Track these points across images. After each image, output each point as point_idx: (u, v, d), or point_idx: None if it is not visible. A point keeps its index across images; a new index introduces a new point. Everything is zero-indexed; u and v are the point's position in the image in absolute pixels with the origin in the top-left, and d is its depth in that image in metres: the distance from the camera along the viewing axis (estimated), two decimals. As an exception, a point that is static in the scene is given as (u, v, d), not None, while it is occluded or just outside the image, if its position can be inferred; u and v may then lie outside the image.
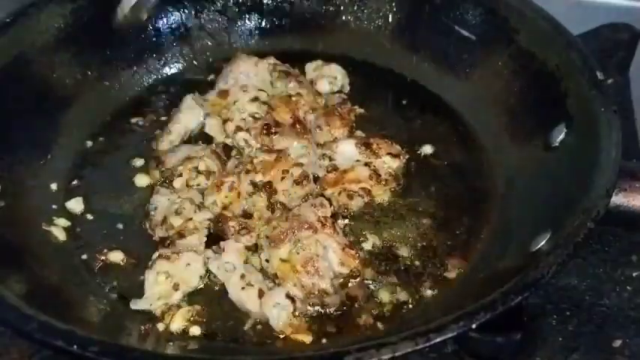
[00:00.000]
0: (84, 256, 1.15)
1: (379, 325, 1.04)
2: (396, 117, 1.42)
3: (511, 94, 1.33)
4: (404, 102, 1.45)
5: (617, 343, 1.06)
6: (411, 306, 1.07)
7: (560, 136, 1.16)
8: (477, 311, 0.80)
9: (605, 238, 1.18)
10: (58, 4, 1.37)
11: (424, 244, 1.16)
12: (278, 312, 1.03)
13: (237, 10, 1.58)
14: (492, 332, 0.90)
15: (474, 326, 0.79)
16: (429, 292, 1.09)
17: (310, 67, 1.49)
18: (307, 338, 1.02)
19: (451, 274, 1.11)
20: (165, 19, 1.53)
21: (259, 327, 1.04)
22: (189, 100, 1.37)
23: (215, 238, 1.16)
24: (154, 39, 1.52)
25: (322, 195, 1.22)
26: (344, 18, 1.58)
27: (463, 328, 0.78)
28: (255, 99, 1.36)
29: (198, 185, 1.23)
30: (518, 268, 0.94)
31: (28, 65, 1.30)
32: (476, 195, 1.24)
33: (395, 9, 1.53)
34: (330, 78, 1.45)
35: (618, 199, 0.98)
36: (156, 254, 1.11)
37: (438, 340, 0.77)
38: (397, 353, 0.75)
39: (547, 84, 1.24)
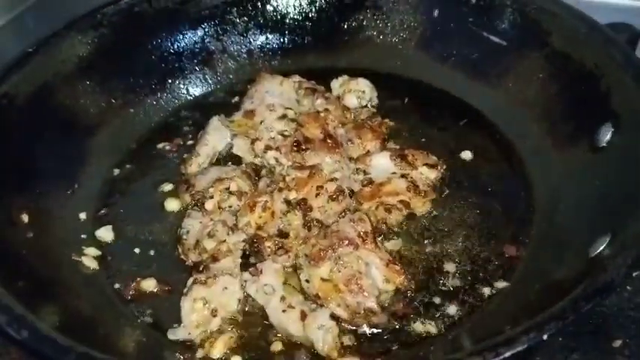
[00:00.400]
0: (116, 285, 1.11)
1: (430, 342, 0.98)
2: (428, 128, 1.37)
3: (549, 98, 1.28)
4: (434, 112, 1.41)
5: (617, 343, 1.03)
6: (462, 321, 1.00)
7: (607, 135, 1.11)
8: (547, 321, 0.75)
9: None
10: (80, 33, 1.36)
11: (470, 257, 1.10)
12: (323, 334, 0.97)
13: (258, 31, 1.56)
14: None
15: (545, 337, 0.73)
16: (480, 306, 1.02)
17: (337, 84, 1.45)
18: (355, 361, 0.96)
19: (501, 284, 1.05)
20: (186, 43, 1.51)
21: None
22: (215, 122, 1.34)
23: (250, 261, 1.11)
24: (177, 64, 1.50)
25: (359, 210, 1.17)
26: (367, 33, 1.56)
27: (534, 339, 0.72)
28: (283, 117, 1.32)
29: (230, 207, 1.19)
30: (581, 275, 0.88)
31: (52, 95, 1.29)
32: (519, 204, 1.18)
33: (420, 20, 1.50)
34: (357, 92, 1.42)
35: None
36: (191, 280, 1.06)
37: (509, 353, 0.71)
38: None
39: (587, 84, 1.19)
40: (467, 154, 1.29)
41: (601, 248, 0.93)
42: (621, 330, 1.03)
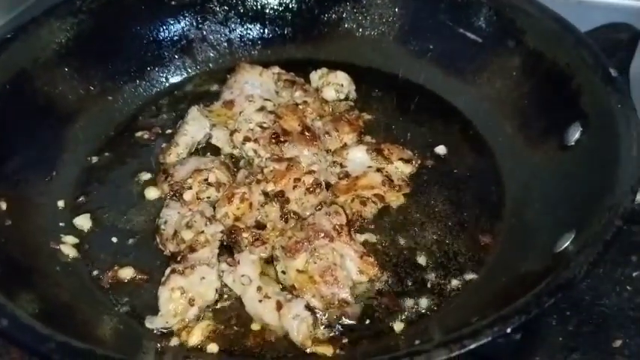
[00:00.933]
0: (94, 273, 1.12)
1: (401, 333, 1.01)
2: (405, 122, 1.40)
3: (522, 96, 1.31)
4: (411, 107, 1.44)
5: (617, 343, 1.06)
6: (432, 313, 1.04)
7: (575, 135, 1.14)
8: (511, 315, 0.78)
9: None
10: (59, 19, 1.35)
11: (442, 250, 1.14)
12: (298, 324, 1.00)
13: (239, 20, 1.57)
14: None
15: (508, 330, 0.76)
16: (449, 298, 1.06)
17: (315, 76, 1.47)
18: (329, 350, 0.99)
19: (470, 277, 1.09)
20: (166, 31, 1.51)
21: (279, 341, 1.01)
22: (194, 112, 1.35)
23: (228, 251, 1.13)
24: (156, 52, 1.51)
25: (335, 203, 1.19)
26: (347, 26, 1.57)
27: (498, 332, 0.76)
28: (262, 108, 1.34)
29: (208, 198, 1.20)
30: (545, 270, 0.92)
31: (30, 81, 1.28)
32: (491, 198, 1.22)
33: (398, 15, 1.52)
34: (336, 85, 1.44)
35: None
36: (168, 269, 1.08)
37: (473, 346, 0.75)
38: (431, 360, 0.73)
39: (558, 83, 1.23)
40: (441, 149, 1.32)
41: (566, 244, 0.97)
42: (621, 330, 1.06)
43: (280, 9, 1.57)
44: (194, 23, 1.54)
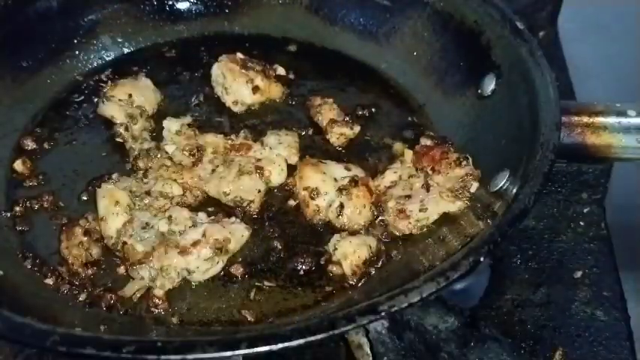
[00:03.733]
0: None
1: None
2: (328, 88, 1.45)
3: (435, 54, 1.41)
4: (330, 73, 1.49)
5: (578, 274, 1.19)
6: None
7: (491, 85, 1.26)
8: (480, 245, 0.88)
9: (557, 179, 1.31)
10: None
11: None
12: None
13: (147, -4, 1.52)
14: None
15: (482, 259, 0.86)
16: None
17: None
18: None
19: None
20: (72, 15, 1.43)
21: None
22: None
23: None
24: (64, 37, 1.42)
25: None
26: (257, -3, 1.58)
27: (474, 263, 0.85)
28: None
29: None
30: (486, 207, 1.04)
31: None
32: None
33: (307, -17, 1.56)
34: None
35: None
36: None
37: (456, 277, 0.84)
38: (424, 294, 0.81)
39: (469, 39, 1.33)
40: (366, 111, 1.39)
41: (502, 183, 1.09)
42: (580, 262, 1.19)
43: (189, -18, 1.54)
44: (99, 3, 1.47)
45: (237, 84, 1.32)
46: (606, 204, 1.31)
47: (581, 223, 1.26)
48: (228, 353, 0.72)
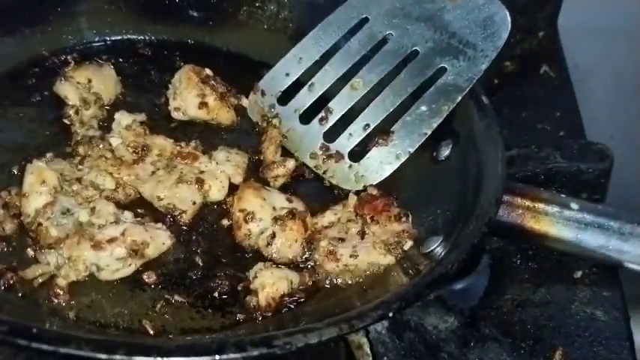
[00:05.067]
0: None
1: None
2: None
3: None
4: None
5: (578, 274, 1.19)
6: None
7: (446, 151, 1.27)
8: (393, 301, 0.86)
9: (557, 179, 1.30)
10: None
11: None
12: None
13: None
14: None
15: (390, 314, 0.84)
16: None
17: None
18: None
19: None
20: None
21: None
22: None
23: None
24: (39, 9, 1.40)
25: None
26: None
27: (381, 316, 0.84)
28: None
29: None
30: (415, 267, 1.03)
31: None
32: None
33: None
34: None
35: (500, 210, 1.10)
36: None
37: (360, 326, 0.82)
38: (324, 338, 0.78)
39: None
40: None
41: (434, 246, 1.08)
42: (579, 262, 1.18)
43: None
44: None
45: (187, 92, 1.29)
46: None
47: None
48: (103, 356, 0.69)
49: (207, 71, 1.36)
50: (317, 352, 1.05)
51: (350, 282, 1.11)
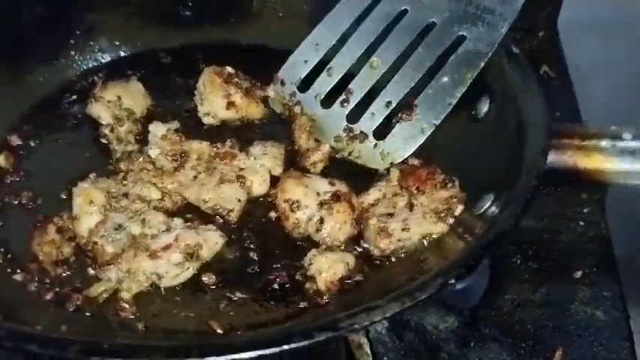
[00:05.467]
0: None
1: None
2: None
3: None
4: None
5: (578, 274, 1.18)
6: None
7: (484, 108, 1.24)
8: (452, 268, 0.85)
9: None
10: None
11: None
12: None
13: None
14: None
15: (451, 282, 0.83)
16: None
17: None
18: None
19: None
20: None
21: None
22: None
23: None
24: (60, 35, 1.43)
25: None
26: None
27: (442, 285, 0.83)
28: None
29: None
30: (471, 229, 1.01)
31: None
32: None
33: None
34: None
35: (550, 156, 1.06)
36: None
37: (423, 297, 0.81)
38: (387, 314, 0.78)
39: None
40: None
41: (486, 206, 1.06)
42: (580, 262, 1.18)
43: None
44: (99, 4, 1.47)
45: (213, 96, 1.29)
46: (606, 204, 1.30)
47: (581, 223, 1.26)
48: (177, 362, 0.70)
49: (229, 69, 1.35)
50: (318, 352, 1.06)
51: (405, 255, 1.09)
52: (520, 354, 1.07)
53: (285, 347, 0.73)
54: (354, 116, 1.29)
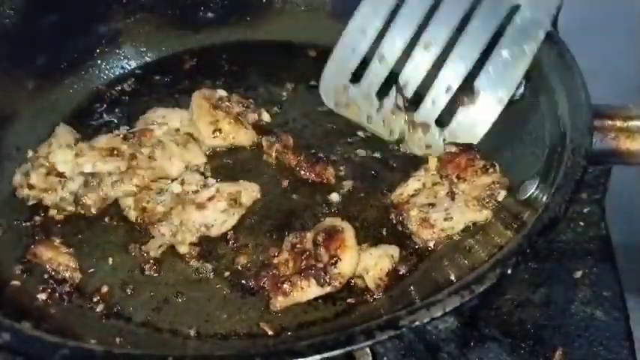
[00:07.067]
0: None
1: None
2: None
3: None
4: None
5: (578, 274, 1.17)
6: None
7: (520, 89, 1.21)
8: (509, 257, 0.83)
9: None
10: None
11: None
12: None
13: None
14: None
15: (509, 272, 0.82)
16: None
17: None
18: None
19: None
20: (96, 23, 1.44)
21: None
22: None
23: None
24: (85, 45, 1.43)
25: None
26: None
27: (501, 275, 0.81)
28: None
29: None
30: (517, 215, 0.99)
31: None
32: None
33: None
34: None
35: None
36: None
37: (481, 290, 0.79)
38: (448, 309, 0.77)
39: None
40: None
41: (531, 191, 1.04)
42: (580, 262, 1.17)
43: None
44: (122, 12, 1.47)
45: (200, 122, 1.23)
46: (606, 204, 1.29)
47: (581, 223, 1.25)
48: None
49: (221, 92, 1.28)
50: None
51: (449, 245, 1.08)
52: (520, 354, 1.07)
53: (348, 349, 0.72)
54: (414, 106, 1.23)
